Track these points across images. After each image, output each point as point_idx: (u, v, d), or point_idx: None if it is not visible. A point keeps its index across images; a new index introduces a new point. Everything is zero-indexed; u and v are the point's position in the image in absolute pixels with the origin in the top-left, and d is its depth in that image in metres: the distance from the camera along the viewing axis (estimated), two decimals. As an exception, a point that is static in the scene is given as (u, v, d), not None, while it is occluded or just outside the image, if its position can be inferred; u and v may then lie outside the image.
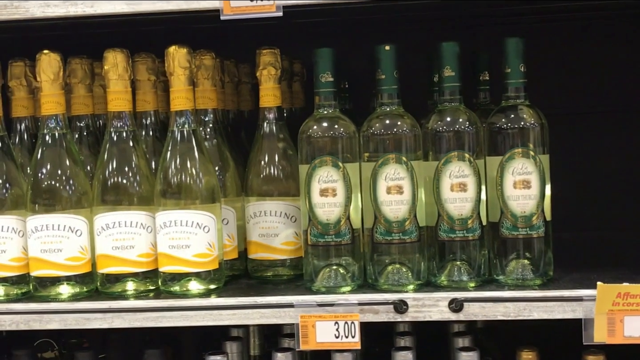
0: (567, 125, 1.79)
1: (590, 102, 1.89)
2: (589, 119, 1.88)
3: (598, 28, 1.83)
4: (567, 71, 1.90)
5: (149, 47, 1.58)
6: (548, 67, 1.85)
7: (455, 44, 1.45)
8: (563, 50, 1.89)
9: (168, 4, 1.39)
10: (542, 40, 1.84)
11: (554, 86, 1.87)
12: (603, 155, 1.87)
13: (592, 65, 1.88)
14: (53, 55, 1.47)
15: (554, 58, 1.88)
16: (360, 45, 1.84)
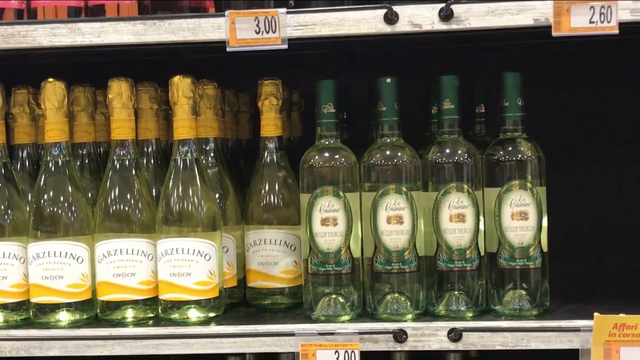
0: (563, 157, 1.82)
1: (586, 134, 1.92)
2: (584, 151, 1.91)
3: (596, 60, 1.87)
4: (563, 103, 1.93)
5: (147, 74, 1.60)
6: (544, 98, 1.88)
7: (455, 78, 1.49)
8: (558, 82, 1.93)
9: (175, 36, 1.42)
10: (538, 72, 1.88)
11: (550, 118, 1.90)
12: (598, 186, 1.89)
13: (588, 97, 1.92)
14: (58, 84, 1.48)
15: (549, 90, 1.92)
16: (358, 76, 1.88)
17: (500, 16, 1.38)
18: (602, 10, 1.33)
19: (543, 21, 1.37)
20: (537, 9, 1.36)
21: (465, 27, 1.39)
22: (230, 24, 1.40)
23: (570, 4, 1.34)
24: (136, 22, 1.42)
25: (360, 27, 1.41)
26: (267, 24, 1.41)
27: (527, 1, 1.37)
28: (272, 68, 1.70)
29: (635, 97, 1.90)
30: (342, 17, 1.42)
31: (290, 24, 1.41)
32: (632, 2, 1.34)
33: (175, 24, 1.42)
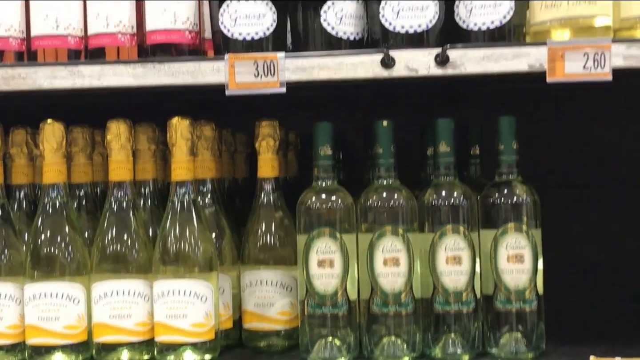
0: (558, 197, 1.83)
1: (581, 175, 1.93)
2: (580, 192, 1.92)
3: (592, 101, 1.89)
4: (558, 143, 1.95)
5: (145, 112, 1.61)
6: (539, 138, 1.90)
7: (451, 121, 1.51)
8: (554, 122, 1.95)
9: (174, 79, 1.43)
10: (533, 112, 1.90)
11: (545, 158, 1.91)
12: (594, 227, 1.90)
13: (583, 138, 1.94)
14: (57, 125, 1.49)
15: (545, 129, 1.94)
16: (355, 116, 1.89)
17: (496, 62, 1.40)
18: (596, 57, 1.36)
19: (537, 67, 1.39)
20: (532, 54, 1.39)
21: (461, 73, 1.41)
22: (229, 68, 1.42)
23: (564, 50, 1.36)
24: (136, 65, 1.44)
25: (358, 71, 1.43)
26: (266, 67, 1.43)
27: (522, 47, 1.39)
28: (269, 107, 1.71)
29: (631, 137, 1.92)
30: (340, 62, 1.43)
31: (289, 67, 1.43)
32: (625, 48, 1.36)
33: (175, 67, 1.43)
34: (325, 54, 1.44)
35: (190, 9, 1.51)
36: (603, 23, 1.42)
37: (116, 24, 1.50)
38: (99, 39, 1.51)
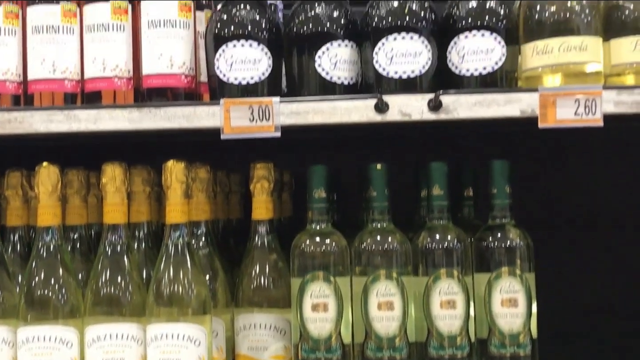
0: (552, 239, 1.84)
1: (575, 217, 1.94)
2: (573, 234, 1.93)
3: (585, 144, 1.91)
4: (552, 185, 1.96)
5: (140, 153, 1.62)
6: (533, 180, 1.91)
7: (444, 165, 1.52)
8: (547, 164, 1.96)
9: (170, 123, 1.44)
10: (526, 154, 1.92)
11: (539, 200, 1.93)
12: (588, 270, 1.91)
13: (578, 179, 1.95)
14: (52, 168, 1.50)
15: (539, 171, 1.95)
16: (349, 157, 1.90)
17: (488, 107, 1.42)
18: (587, 103, 1.37)
19: (529, 112, 1.40)
20: (524, 100, 1.40)
21: (453, 117, 1.42)
22: (225, 112, 1.43)
23: (556, 97, 1.38)
24: (132, 109, 1.45)
25: (352, 115, 1.45)
26: (261, 112, 1.44)
27: (514, 93, 1.41)
28: (263, 146, 1.72)
29: (623, 179, 1.93)
30: (334, 106, 1.45)
31: (284, 112, 1.44)
32: (615, 95, 1.38)
33: (171, 111, 1.45)
34: (319, 98, 1.46)
35: (187, 54, 1.53)
36: (594, 69, 1.44)
37: (113, 68, 1.52)
38: (95, 82, 1.53)
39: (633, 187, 1.94)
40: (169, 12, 1.51)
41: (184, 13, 1.53)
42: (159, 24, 1.51)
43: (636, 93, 1.37)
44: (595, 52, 1.43)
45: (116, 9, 1.52)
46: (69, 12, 1.54)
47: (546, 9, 1.45)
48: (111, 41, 1.52)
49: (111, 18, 1.52)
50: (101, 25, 1.52)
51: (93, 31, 1.53)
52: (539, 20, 1.45)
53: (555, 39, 1.42)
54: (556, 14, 1.44)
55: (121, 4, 1.53)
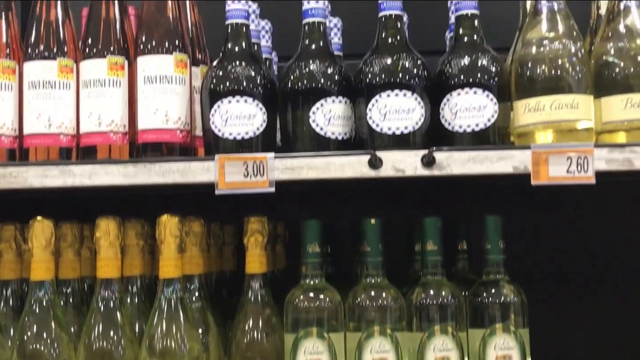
0: (545, 292, 1.84)
1: (568, 270, 1.95)
2: (567, 287, 1.93)
3: (578, 197, 1.92)
4: (546, 238, 1.97)
5: (134, 206, 1.62)
6: (527, 232, 1.92)
7: (438, 220, 1.52)
8: (541, 217, 1.97)
9: (165, 178, 1.45)
10: (520, 207, 1.92)
11: (533, 252, 1.93)
12: (581, 322, 1.91)
13: (572, 233, 1.96)
14: (46, 222, 1.49)
15: (533, 224, 1.95)
16: (343, 210, 1.91)
17: (481, 163, 1.43)
18: (579, 161, 1.39)
19: (522, 169, 1.41)
20: (516, 157, 1.41)
21: (447, 174, 1.43)
22: (219, 168, 1.44)
23: (548, 154, 1.39)
24: (127, 164, 1.45)
25: (346, 171, 1.45)
26: (256, 167, 1.45)
27: (506, 150, 1.42)
28: (257, 197, 1.72)
29: (619, 234, 1.94)
30: (328, 162, 1.46)
31: (278, 167, 1.45)
32: (607, 152, 1.39)
33: (165, 166, 1.45)
34: (313, 154, 1.47)
35: (182, 109, 1.54)
36: (585, 126, 1.46)
37: (108, 123, 1.53)
38: (91, 137, 1.53)
39: (627, 242, 1.94)
40: (165, 68, 1.53)
41: (180, 69, 1.54)
42: (155, 79, 1.53)
43: (627, 151, 1.39)
44: (586, 109, 1.45)
45: (113, 64, 1.54)
46: (66, 68, 1.55)
47: (537, 66, 1.47)
48: (107, 96, 1.53)
49: (107, 74, 1.53)
50: (97, 81, 1.54)
51: (89, 86, 1.54)
52: (530, 77, 1.48)
53: (546, 97, 1.44)
54: (547, 71, 1.46)
55: (118, 59, 1.55)
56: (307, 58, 1.55)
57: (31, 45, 1.57)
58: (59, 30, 1.58)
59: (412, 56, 1.51)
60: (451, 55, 1.53)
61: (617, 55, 1.49)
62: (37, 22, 1.59)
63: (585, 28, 1.69)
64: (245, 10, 1.57)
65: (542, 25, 1.51)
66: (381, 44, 1.54)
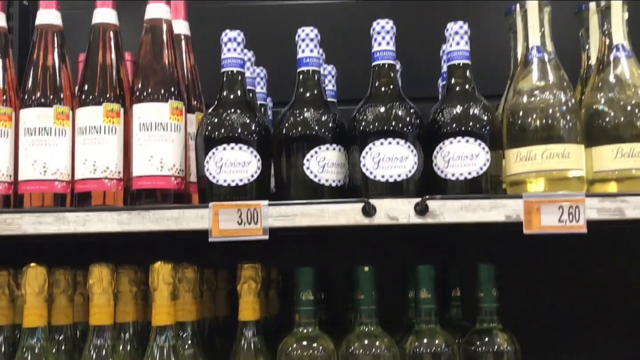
0: (540, 340, 1.84)
1: (563, 317, 1.94)
2: (560, 334, 1.93)
3: (570, 245, 1.93)
4: (540, 285, 1.97)
5: (127, 250, 1.62)
6: (520, 280, 1.92)
7: (431, 268, 1.52)
8: (534, 265, 1.98)
9: (159, 225, 1.45)
10: (513, 254, 1.93)
11: (528, 300, 1.93)
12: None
13: (564, 280, 1.96)
14: (39, 269, 1.49)
15: (526, 272, 1.96)
16: (336, 256, 1.92)
17: (474, 212, 1.43)
18: (571, 210, 1.40)
19: (514, 218, 1.42)
20: (509, 206, 1.42)
21: (440, 222, 1.44)
22: (213, 215, 1.44)
23: (540, 204, 1.40)
24: (121, 212, 1.46)
25: (339, 218, 1.46)
26: (250, 215, 1.45)
27: (499, 199, 1.43)
28: (250, 243, 1.72)
29: (611, 280, 1.95)
30: (322, 209, 1.46)
31: (272, 214, 1.46)
32: (598, 202, 1.41)
33: (159, 214, 1.46)
34: (307, 202, 1.47)
35: (177, 156, 1.55)
36: (577, 175, 1.47)
37: (103, 169, 1.54)
38: (85, 183, 1.54)
39: (620, 288, 1.95)
40: (161, 116, 1.54)
41: (175, 116, 1.56)
42: (151, 126, 1.54)
43: (618, 200, 1.40)
44: (577, 159, 1.47)
45: (109, 111, 1.55)
46: (62, 115, 1.57)
47: (528, 116, 1.49)
48: (103, 143, 1.54)
49: (103, 121, 1.55)
50: (93, 128, 1.55)
51: (85, 133, 1.55)
52: (522, 127, 1.49)
53: (538, 146, 1.46)
54: (538, 121, 1.48)
55: (114, 107, 1.56)
56: (301, 106, 1.57)
57: (28, 92, 1.58)
58: (55, 76, 1.60)
59: (405, 105, 1.53)
60: (443, 104, 1.55)
61: (607, 105, 1.51)
62: (34, 68, 1.60)
63: (576, 77, 1.72)
64: (241, 58, 1.60)
65: (533, 75, 1.53)
66: (374, 92, 1.56)
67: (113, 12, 1.62)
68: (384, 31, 1.56)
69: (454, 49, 1.57)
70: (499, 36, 1.90)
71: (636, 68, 1.54)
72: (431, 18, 2.10)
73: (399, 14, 2.08)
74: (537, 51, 1.54)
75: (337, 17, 2.15)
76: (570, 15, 1.76)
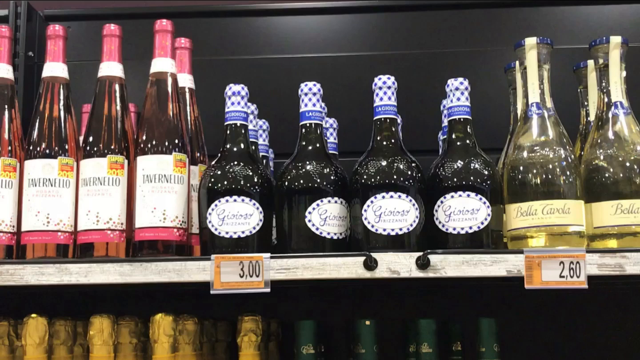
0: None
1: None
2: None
3: (572, 300, 1.93)
4: (542, 337, 1.96)
5: (127, 300, 1.62)
6: (521, 332, 1.91)
7: (432, 322, 1.52)
8: (534, 316, 1.97)
9: (161, 277, 1.46)
10: (514, 306, 1.92)
11: (530, 352, 1.92)
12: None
13: (563, 332, 1.96)
14: (40, 320, 1.49)
15: (527, 323, 1.95)
16: (337, 307, 1.91)
17: (475, 266, 1.44)
18: (572, 265, 1.40)
19: (515, 272, 1.43)
20: (510, 261, 1.43)
21: (441, 276, 1.44)
22: (215, 268, 1.45)
23: (541, 259, 1.41)
24: (123, 263, 1.46)
25: (341, 272, 1.47)
26: (252, 267, 1.46)
27: (500, 254, 1.44)
28: (251, 295, 1.72)
29: (613, 334, 1.94)
30: (324, 262, 1.47)
31: (274, 267, 1.46)
32: (598, 258, 1.41)
33: (162, 265, 1.46)
34: (309, 255, 1.48)
35: (180, 208, 1.56)
36: (577, 230, 1.48)
37: (106, 220, 1.54)
38: (88, 234, 1.55)
39: (622, 344, 1.94)
40: (164, 168, 1.56)
41: (178, 168, 1.57)
42: (154, 178, 1.55)
43: (618, 256, 1.41)
44: (577, 214, 1.48)
45: (113, 163, 1.57)
46: (66, 166, 1.58)
47: (529, 171, 1.51)
48: (106, 195, 1.55)
49: (107, 172, 1.56)
50: (97, 179, 1.56)
51: (89, 184, 1.56)
52: (522, 182, 1.51)
53: (538, 201, 1.47)
54: (538, 177, 1.50)
55: (118, 158, 1.57)
56: (304, 159, 1.58)
57: (33, 143, 1.60)
58: (60, 128, 1.62)
59: (406, 159, 1.55)
60: (445, 159, 1.57)
61: (606, 162, 1.52)
62: (40, 119, 1.62)
63: (575, 132, 1.74)
64: (244, 112, 1.62)
65: (533, 131, 1.55)
66: (376, 146, 1.58)
67: (119, 65, 1.64)
68: (385, 86, 1.59)
69: (454, 104, 1.60)
70: (498, 90, 1.94)
71: (634, 125, 1.56)
72: (431, 72, 2.14)
73: (400, 68, 2.13)
74: (536, 107, 1.56)
75: (338, 70, 2.19)
76: (569, 72, 1.79)
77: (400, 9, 2.22)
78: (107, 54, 1.64)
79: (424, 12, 2.21)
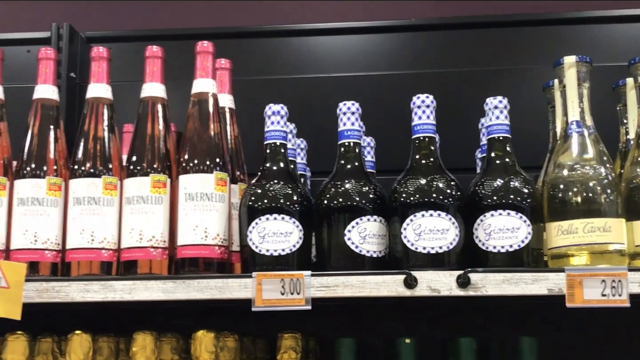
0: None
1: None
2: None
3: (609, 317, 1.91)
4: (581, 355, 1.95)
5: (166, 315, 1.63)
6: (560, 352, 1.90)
7: (473, 341, 1.52)
8: (575, 338, 1.96)
9: (203, 294, 1.48)
10: (554, 326, 1.91)
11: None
12: None
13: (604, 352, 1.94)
14: (85, 337, 1.52)
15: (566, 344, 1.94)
16: (376, 324, 1.90)
17: (516, 285, 1.44)
18: (613, 284, 1.39)
19: (557, 291, 1.42)
20: (551, 279, 1.43)
21: (482, 294, 1.44)
22: (257, 285, 1.46)
23: (582, 277, 1.40)
24: (167, 280, 1.49)
25: (381, 290, 1.47)
26: (292, 285, 1.47)
27: (541, 273, 1.43)
28: (288, 311, 1.73)
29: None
30: (364, 280, 1.48)
31: (314, 285, 1.47)
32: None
33: (204, 282, 1.48)
34: (349, 273, 1.49)
35: (221, 226, 1.58)
36: (618, 248, 1.47)
37: (149, 238, 1.57)
38: (132, 252, 1.57)
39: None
40: (205, 186, 1.58)
41: (220, 187, 1.59)
42: (196, 197, 1.58)
43: (662, 275, 1.40)
44: (618, 232, 1.47)
45: (155, 182, 1.60)
46: (110, 185, 1.61)
47: (569, 190, 1.50)
48: (149, 213, 1.58)
49: (150, 191, 1.59)
50: (140, 198, 1.59)
51: (132, 203, 1.59)
52: (563, 200, 1.50)
53: (579, 220, 1.47)
54: (579, 195, 1.49)
55: (160, 177, 1.60)
56: (343, 177, 1.60)
57: (78, 162, 1.63)
58: (104, 148, 1.65)
59: (445, 177, 1.55)
60: (484, 177, 1.57)
61: (647, 180, 1.52)
62: (85, 139, 1.66)
63: (614, 150, 1.73)
64: (284, 131, 1.64)
65: (573, 149, 1.55)
66: (415, 164, 1.59)
67: (161, 86, 1.68)
68: (424, 105, 1.60)
69: (493, 122, 1.60)
70: (537, 108, 1.93)
71: (676, 142, 1.55)
72: (469, 90, 2.14)
73: (437, 86, 2.13)
74: (576, 125, 1.56)
75: (375, 89, 2.20)
76: (608, 90, 1.79)
77: (437, 27, 2.23)
78: (149, 75, 1.67)
79: (461, 31, 2.22)
